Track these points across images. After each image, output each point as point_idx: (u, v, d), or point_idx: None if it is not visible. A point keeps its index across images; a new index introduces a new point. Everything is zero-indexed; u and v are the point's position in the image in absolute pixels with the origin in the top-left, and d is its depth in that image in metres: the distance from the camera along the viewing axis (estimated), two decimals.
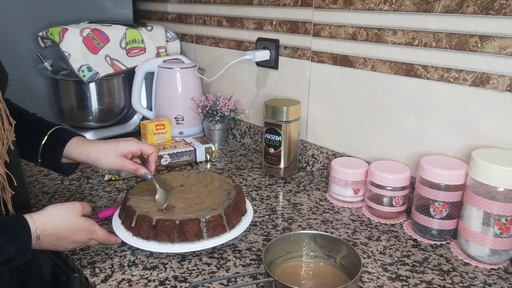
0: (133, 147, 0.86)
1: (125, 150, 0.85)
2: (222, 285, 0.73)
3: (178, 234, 0.80)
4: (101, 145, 0.85)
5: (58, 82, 1.35)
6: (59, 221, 0.70)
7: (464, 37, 0.86)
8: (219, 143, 1.41)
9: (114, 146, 0.85)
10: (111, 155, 0.84)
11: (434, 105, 0.93)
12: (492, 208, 0.76)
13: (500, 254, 0.79)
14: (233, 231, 0.84)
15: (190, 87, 1.40)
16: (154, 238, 0.81)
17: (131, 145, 0.86)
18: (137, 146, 0.86)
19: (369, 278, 0.76)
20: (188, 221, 0.80)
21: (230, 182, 0.95)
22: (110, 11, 1.51)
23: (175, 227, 0.80)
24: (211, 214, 0.82)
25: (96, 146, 0.85)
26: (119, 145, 0.85)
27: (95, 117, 1.39)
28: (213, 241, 0.81)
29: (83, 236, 0.73)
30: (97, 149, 0.84)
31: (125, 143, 0.85)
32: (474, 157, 0.78)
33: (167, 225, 0.80)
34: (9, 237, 0.64)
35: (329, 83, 1.13)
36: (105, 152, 0.84)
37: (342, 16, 1.05)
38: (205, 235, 0.81)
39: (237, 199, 0.88)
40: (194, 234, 0.81)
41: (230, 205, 0.85)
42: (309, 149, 1.21)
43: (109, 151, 0.84)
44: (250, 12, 1.30)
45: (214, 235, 0.82)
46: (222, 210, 0.83)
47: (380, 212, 0.96)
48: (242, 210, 0.89)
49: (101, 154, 0.84)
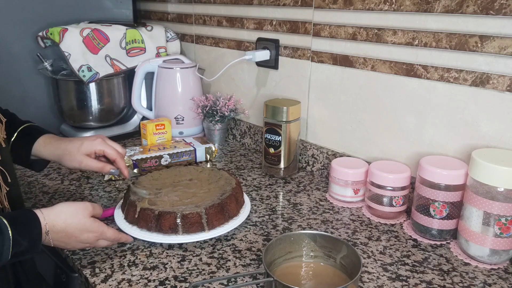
0: (96, 147, 0.85)
1: (88, 149, 0.84)
2: (222, 285, 0.73)
3: (155, 224, 0.83)
4: (66, 143, 0.84)
5: (58, 82, 1.35)
6: (68, 219, 0.71)
7: (464, 37, 0.86)
8: (219, 143, 1.41)
9: (77, 145, 0.84)
10: (74, 154, 0.83)
11: (434, 105, 0.93)
12: (492, 208, 0.76)
13: (500, 254, 0.79)
14: (212, 232, 0.85)
15: (190, 87, 1.40)
16: (136, 224, 0.85)
17: (95, 145, 0.84)
18: (100, 146, 0.85)
19: (369, 278, 0.76)
20: (165, 213, 0.83)
21: (233, 184, 0.95)
22: (110, 11, 1.51)
23: (154, 217, 0.83)
24: (190, 211, 0.83)
25: (60, 145, 0.84)
26: (83, 144, 0.84)
27: (95, 117, 1.39)
28: (188, 237, 0.83)
29: (91, 237, 0.74)
30: (61, 147, 0.84)
31: (89, 142, 0.84)
32: (474, 157, 0.78)
33: (147, 214, 0.84)
34: (21, 231, 0.64)
35: (329, 83, 1.13)
36: (69, 150, 0.83)
37: (342, 16, 1.05)
38: (180, 230, 0.83)
39: (226, 201, 0.88)
40: (169, 227, 0.83)
41: (214, 205, 0.86)
42: (309, 149, 1.21)
43: (73, 149, 0.83)
44: (250, 12, 1.30)
45: (190, 232, 0.84)
46: (203, 209, 0.84)
47: (380, 212, 0.96)
48: (230, 213, 0.89)
49: (65, 152, 0.84)
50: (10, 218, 0.64)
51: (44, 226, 0.68)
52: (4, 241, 0.62)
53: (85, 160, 0.83)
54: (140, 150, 1.21)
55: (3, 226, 0.63)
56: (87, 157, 0.84)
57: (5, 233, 0.62)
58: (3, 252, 0.62)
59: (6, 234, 0.62)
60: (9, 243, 0.62)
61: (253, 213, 0.97)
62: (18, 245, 0.64)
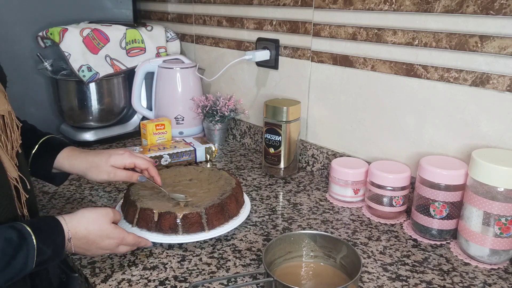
0: (126, 161, 0.84)
1: (117, 162, 0.83)
2: (222, 285, 0.73)
3: (155, 224, 0.84)
4: (92, 156, 0.83)
5: (58, 82, 1.35)
6: (90, 225, 0.70)
7: (464, 37, 0.86)
8: (219, 143, 1.41)
9: (105, 157, 0.83)
10: (102, 166, 0.82)
11: (434, 105, 0.93)
12: (492, 208, 0.76)
13: (500, 254, 0.79)
14: (212, 232, 0.85)
15: (190, 87, 1.40)
16: (137, 225, 0.85)
17: (124, 158, 0.84)
18: (130, 160, 0.84)
19: (369, 278, 0.76)
20: (165, 213, 0.83)
21: (233, 184, 0.95)
22: (110, 11, 1.51)
23: (153, 217, 0.84)
24: (189, 211, 0.83)
25: (87, 158, 0.83)
26: (111, 157, 0.83)
27: (95, 117, 1.39)
28: (188, 237, 0.83)
29: (112, 243, 0.73)
30: (88, 160, 0.83)
31: (118, 156, 0.84)
32: (474, 157, 0.78)
33: (147, 214, 0.84)
34: (45, 238, 0.63)
35: (329, 83, 1.13)
36: (96, 163, 0.82)
37: (342, 16, 1.05)
38: (180, 230, 0.83)
39: (226, 201, 0.88)
40: (169, 227, 0.83)
41: (214, 205, 0.86)
42: (309, 149, 1.21)
43: (101, 162, 0.82)
44: (250, 12, 1.30)
45: (190, 232, 0.84)
46: (203, 209, 0.84)
47: (380, 212, 0.96)
48: (230, 213, 0.89)
49: (92, 165, 0.82)
50: (33, 226, 0.63)
51: (67, 233, 0.67)
52: (29, 250, 0.61)
53: (113, 171, 0.83)
54: (140, 150, 1.21)
55: (27, 234, 0.61)
56: (115, 168, 0.83)
57: (29, 241, 0.61)
58: (27, 262, 0.61)
59: (31, 243, 0.61)
60: (34, 252, 0.61)
61: (253, 213, 0.97)
62: (42, 254, 0.62)
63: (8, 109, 0.68)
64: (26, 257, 0.60)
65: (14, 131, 0.68)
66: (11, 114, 0.69)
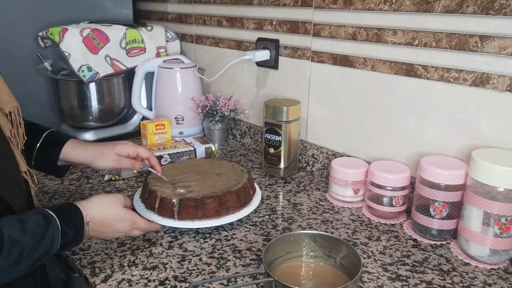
0: (130, 150, 0.91)
1: (122, 151, 0.90)
2: (222, 285, 0.73)
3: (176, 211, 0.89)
4: (98, 146, 0.90)
5: (58, 82, 1.35)
6: (104, 209, 0.74)
7: (464, 37, 0.86)
8: (219, 143, 1.41)
9: (110, 146, 0.90)
10: (108, 154, 0.89)
11: (434, 105, 0.93)
12: (492, 208, 0.76)
13: (500, 254, 0.79)
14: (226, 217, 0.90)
15: (190, 87, 1.40)
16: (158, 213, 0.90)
17: (128, 147, 0.91)
18: (133, 149, 0.92)
19: (369, 278, 0.76)
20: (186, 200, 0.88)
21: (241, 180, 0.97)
22: (110, 11, 1.51)
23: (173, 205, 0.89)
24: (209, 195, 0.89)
25: (93, 147, 0.89)
26: (116, 147, 0.90)
27: (95, 117, 1.39)
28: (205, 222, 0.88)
29: (126, 226, 0.77)
30: (94, 149, 0.89)
31: (122, 145, 0.91)
32: (474, 157, 0.78)
33: (168, 202, 0.89)
34: (66, 221, 0.67)
35: (329, 83, 1.13)
36: (102, 151, 0.89)
37: (342, 16, 1.05)
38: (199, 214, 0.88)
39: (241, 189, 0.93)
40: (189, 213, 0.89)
41: (231, 192, 0.91)
42: (309, 149, 1.21)
43: (106, 150, 0.89)
44: (250, 12, 1.30)
45: (207, 217, 0.89)
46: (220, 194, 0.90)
47: (380, 212, 0.96)
48: (246, 199, 0.95)
49: (98, 153, 0.88)
50: (55, 210, 0.67)
51: (85, 217, 0.70)
52: (54, 231, 0.64)
53: (118, 158, 0.89)
54: None
55: (51, 217, 0.65)
56: (120, 156, 0.90)
57: (53, 223, 0.64)
58: (53, 243, 0.64)
59: (55, 225, 0.64)
60: (59, 234, 0.65)
61: (253, 213, 0.97)
62: (65, 236, 0.66)
63: (16, 106, 0.71)
64: (52, 238, 0.64)
65: (21, 127, 0.71)
66: (18, 111, 0.72)
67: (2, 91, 0.68)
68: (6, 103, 0.69)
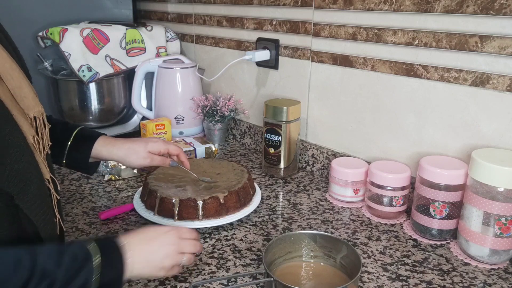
0: (161, 148, 0.92)
1: (154, 149, 0.90)
2: (222, 285, 0.73)
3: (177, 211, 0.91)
4: (130, 143, 0.89)
5: (58, 82, 1.35)
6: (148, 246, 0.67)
7: (464, 37, 0.86)
8: (219, 143, 1.41)
9: (143, 144, 0.90)
10: (140, 152, 0.88)
11: (434, 105, 0.93)
12: (492, 208, 0.76)
13: (500, 254, 0.79)
14: (227, 217, 0.91)
15: (190, 87, 1.40)
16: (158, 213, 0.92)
17: (160, 145, 0.91)
18: (164, 146, 0.92)
19: (369, 278, 0.76)
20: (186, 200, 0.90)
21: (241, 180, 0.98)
22: (110, 11, 1.51)
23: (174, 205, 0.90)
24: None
25: (124, 145, 0.88)
26: (148, 144, 0.90)
27: (95, 117, 1.39)
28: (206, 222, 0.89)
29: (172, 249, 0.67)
30: (126, 146, 0.88)
31: (154, 144, 0.91)
32: (474, 157, 0.78)
33: (168, 202, 0.91)
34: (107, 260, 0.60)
35: (329, 83, 1.13)
36: (134, 149, 0.88)
37: (342, 16, 1.05)
38: (200, 215, 0.90)
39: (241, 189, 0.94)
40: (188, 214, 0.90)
41: (232, 192, 0.92)
42: (309, 149, 1.21)
43: (139, 148, 0.89)
44: (250, 12, 1.30)
45: (208, 217, 0.90)
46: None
47: (380, 212, 0.96)
48: (246, 199, 0.96)
49: (130, 151, 0.88)
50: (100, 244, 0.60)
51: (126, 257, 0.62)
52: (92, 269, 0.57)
53: (150, 156, 0.90)
54: None
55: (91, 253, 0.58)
56: (151, 154, 0.90)
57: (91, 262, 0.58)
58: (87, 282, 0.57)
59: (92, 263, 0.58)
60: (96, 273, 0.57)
61: (253, 213, 0.97)
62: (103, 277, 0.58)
63: (41, 111, 0.68)
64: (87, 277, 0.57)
65: (45, 132, 0.69)
66: (43, 115, 0.69)
67: (26, 96, 0.66)
68: (30, 108, 0.66)
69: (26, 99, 0.66)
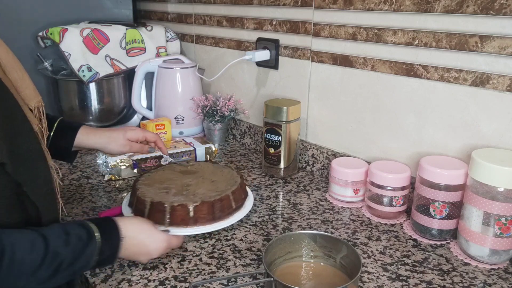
0: (139, 135, 0.98)
1: (132, 136, 0.96)
2: (222, 285, 0.73)
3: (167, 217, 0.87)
4: (110, 132, 0.95)
5: (58, 82, 1.35)
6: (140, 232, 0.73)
7: (464, 37, 0.86)
8: (219, 143, 1.41)
9: (122, 132, 0.95)
10: (120, 140, 0.94)
11: (434, 105, 0.93)
12: (492, 208, 0.76)
13: (500, 254, 0.79)
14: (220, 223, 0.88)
15: (190, 87, 1.40)
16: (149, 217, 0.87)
17: (137, 133, 0.98)
18: (142, 133, 0.98)
19: (369, 278, 0.76)
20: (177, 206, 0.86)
21: (238, 179, 0.97)
22: (110, 11, 1.51)
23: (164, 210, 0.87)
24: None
25: (105, 133, 0.94)
26: (127, 132, 0.96)
27: (95, 117, 1.39)
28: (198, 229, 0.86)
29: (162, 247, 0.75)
30: (106, 135, 0.94)
31: (132, 131, 0.97)
32: (474, 157, 0.78)
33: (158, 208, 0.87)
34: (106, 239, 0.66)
35: (329, 83, 1.13)
36: (114, 137, 0.94)
37: (342, 16, 1.05)
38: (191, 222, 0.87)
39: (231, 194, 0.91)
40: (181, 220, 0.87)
41: (222, 198, 0.89)
42: (309, 149, 1.21)
43: (118, 136, 0.94)
44: (250, 12, 1.30)
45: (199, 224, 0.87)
46: (211, 201, 0.87)
47: (380, 212, 0.96)
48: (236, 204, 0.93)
49: (110, 139, 0.93)
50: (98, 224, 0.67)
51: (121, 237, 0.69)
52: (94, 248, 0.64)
53: (129, 143, 0.96)
54: None
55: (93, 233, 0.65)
56: (130, 141, 0.96)
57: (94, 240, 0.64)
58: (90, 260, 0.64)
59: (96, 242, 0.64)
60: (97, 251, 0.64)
61: (253, 213, 0.97)
62: (102, 253, 0.65)
63: (40, 101, 0.73)
64: (91, 255, 0.63)
65: (44, 121, 0.73)
66: (42, 106, 0.73)
67: (27, 87, 0.70)
68: (31, 98, 0.70)
69: (28, 90, 0.70)
